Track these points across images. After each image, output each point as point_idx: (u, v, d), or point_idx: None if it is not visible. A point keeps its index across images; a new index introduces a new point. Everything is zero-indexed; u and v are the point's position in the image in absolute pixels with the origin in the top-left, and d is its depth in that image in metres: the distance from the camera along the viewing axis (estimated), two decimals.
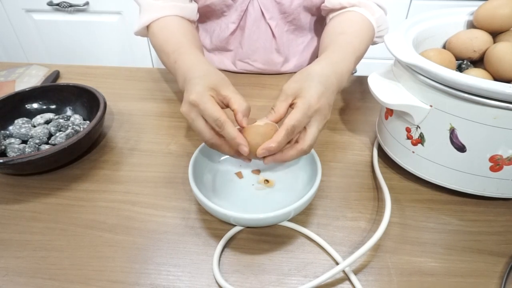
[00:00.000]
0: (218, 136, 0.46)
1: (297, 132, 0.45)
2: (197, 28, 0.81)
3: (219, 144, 0.46)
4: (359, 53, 0.61)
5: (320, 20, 0.79)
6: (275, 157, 0.46)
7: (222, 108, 0.47)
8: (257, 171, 0.53)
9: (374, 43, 0.70)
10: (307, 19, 0.76)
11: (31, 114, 0.62)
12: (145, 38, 0.73)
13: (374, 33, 0.67)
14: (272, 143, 0.43)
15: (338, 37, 0.61)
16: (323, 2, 0.71)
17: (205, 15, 0.77)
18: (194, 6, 0.71)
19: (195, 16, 0.71)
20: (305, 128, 0.46)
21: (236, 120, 0.46)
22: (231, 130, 0.44)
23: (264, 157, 0.46)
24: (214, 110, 0.44)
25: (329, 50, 0.56)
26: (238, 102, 0.46)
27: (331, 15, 0.70)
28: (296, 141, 0.46)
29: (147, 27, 0.68)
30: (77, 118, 0.61)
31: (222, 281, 0.40)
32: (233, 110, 0.46)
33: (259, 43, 0.76)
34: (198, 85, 0.46)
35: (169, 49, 0.60)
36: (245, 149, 0.44)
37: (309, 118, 0.45)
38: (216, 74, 0.50)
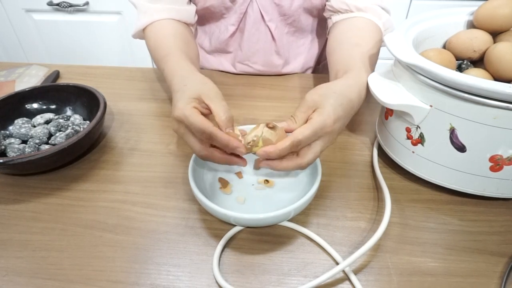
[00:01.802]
0: (207, 148, 0.46)
1: (301, 147, 0.44)
2: (196, 30, 0.81)
3: (210, 155, 0.46)
4: (375, 63, 0.61)
5: (321, 22, 0.78)
6: (272, 163, 0.45)
7: (208, 114, 0.47)
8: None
9: None
10: (307, 21, 0.76)
11: (31, 114, 0.62)
12: None
13: (382, 38, 0.66)
14: (273, 149, 0.43)
15: (354, 49, 0.59)
16: (324, 4, 0.70)
17: (204, 17, 0.77)
18: (192, 9, 0.71)
19: (192, 18, 0.71)
20: (309, 144, 0.45)
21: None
22: (221, 137, 0.43)
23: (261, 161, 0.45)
24: (198, 123, 0.43)
25: (357, 67, 0.54)
26: (218, 115, 0.45)
27: (334, 18, 0.69)
28: (297, 154, 0.46)
29: (143, 30, 0.68)
30: (77, 118, 0.61)
31: (222, 281, 0.40)
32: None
33: (258, 45, 0.76)
34: (179, 100, 0.46)
35: (159, 55, 0.61)
36: (242, 150, 0.44)
37: (318, 138, 0.44)
38: (196, 81, 0.49)
